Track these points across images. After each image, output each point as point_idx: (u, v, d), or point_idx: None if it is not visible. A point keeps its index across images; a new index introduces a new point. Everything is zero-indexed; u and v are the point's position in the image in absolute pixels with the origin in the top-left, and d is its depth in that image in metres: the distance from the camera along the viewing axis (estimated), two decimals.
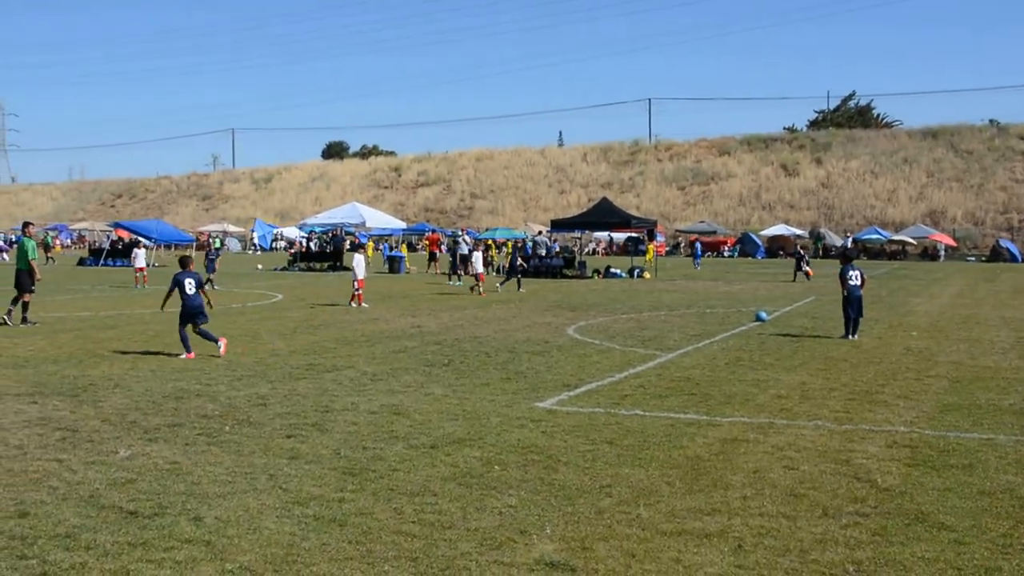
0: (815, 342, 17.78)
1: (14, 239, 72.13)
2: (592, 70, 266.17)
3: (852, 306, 18.27)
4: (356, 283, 25.72)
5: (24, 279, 20.30)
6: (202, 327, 15.66)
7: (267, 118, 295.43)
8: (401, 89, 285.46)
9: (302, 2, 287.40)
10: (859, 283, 18.42)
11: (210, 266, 33.67)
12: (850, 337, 18.02)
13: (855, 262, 19.63)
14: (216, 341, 15.44)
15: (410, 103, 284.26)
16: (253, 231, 61.15)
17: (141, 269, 34.50)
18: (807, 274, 38.65)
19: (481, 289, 30.87)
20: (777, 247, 75.43)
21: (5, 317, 19.98)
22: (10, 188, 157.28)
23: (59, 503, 7.14)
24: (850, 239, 74.25)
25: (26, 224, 22.42)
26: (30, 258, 20.49)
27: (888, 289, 34.35)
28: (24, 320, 20.10)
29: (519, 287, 32.72)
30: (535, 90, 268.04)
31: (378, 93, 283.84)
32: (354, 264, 26.41)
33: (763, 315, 21.78)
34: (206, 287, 17.40)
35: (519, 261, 34.00)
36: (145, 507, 7.04)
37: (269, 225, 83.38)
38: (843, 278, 18.35)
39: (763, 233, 77.20)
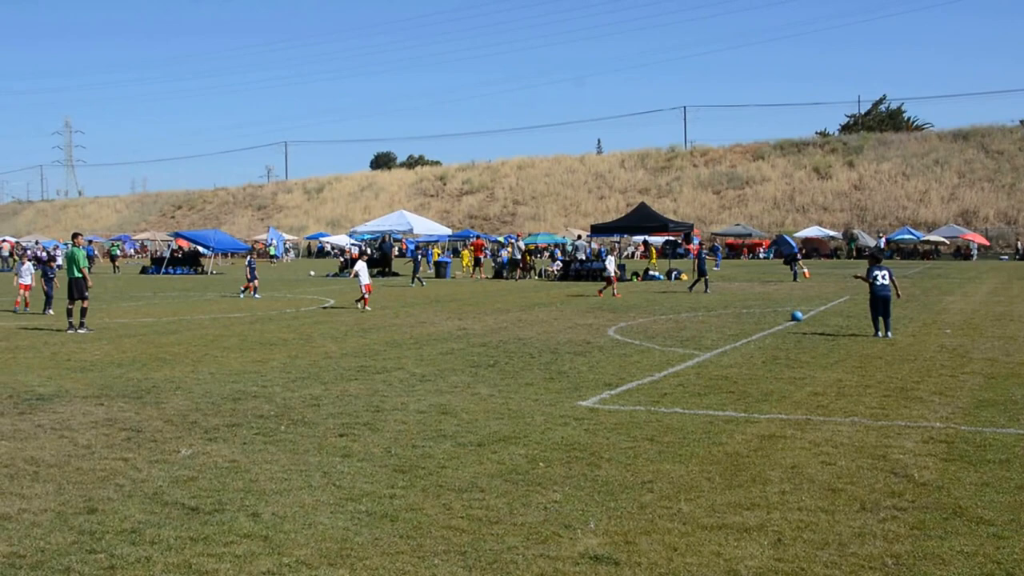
0: (850, 340, 17.82)
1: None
2: (629, 79, 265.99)
3: (878, 306, 18.41)
4: (364, 287, 26.80)
5: (77, 286, 20.79)
6: None
7: (318, 131, 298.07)
8: (445, 101, 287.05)
9: (350, 21, 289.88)
10: (887, 282, 18.41)
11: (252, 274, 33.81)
12: (887, 335, 18.10)
13: (884, 262, 19.58)
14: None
15: (454, 115, 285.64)
16: (270, 241, 61.56)
17: (248, 286, 34.04)
18: (804, 274, 38.08)
19: (614, 290, 31.49)
20: (811, 248, 75.07)
21: (76, 329, 20.44)
22: (77, 201, 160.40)
23: (125, 500, 7.40)
24: (883, 239, 73.89)
25: (75, 235, 22.83)
26: (82, 266, 20.96)
27: (922, 288, 34.11)
28: (81, 326, 20.57)
29: (706, 289, 33.28)
30: (574, 100, 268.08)
31: (423, 106, 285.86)
32: (357, 269, 27.50)
33: (799, 315, 21.80)
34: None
35: (705, 264, 34.51)
36: (206, 503, 7.29)
37: (281, 234, 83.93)
38: (870, 279, 18.49)
39: (797, 235, 76.70)
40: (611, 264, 33.10)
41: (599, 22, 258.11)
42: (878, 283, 18.37)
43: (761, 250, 78.60)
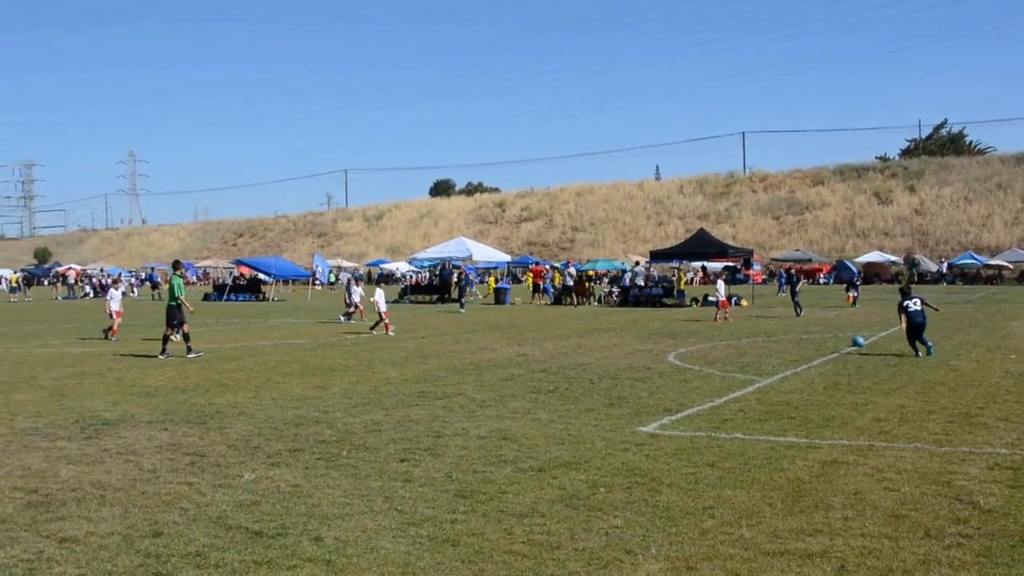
0: (913, 366, 17.57)
1: (144, 276, 74.54)
2: (687, 105, 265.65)
3: (914, 332, 19.20)
4: (382, 314, 27.54)
5: (174, 313, 21.14)
6: None
7: (378, 159, 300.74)
8: (504, 128, 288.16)
9: (410, 49, 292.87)
10: (919, 308, 19.34)
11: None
12: (928, 353, 18.77)
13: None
14: None
15: (513, 141, 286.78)
16: (316, 267, 61.98)
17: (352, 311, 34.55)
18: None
19: (726, 314, 31.69)
20: (872, 273, 74.23)
21: (186, 354, 20.68)
22: (141, 229, 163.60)
23: (190, 523, 7.49)
24: (945, 264, 72.93)
25: (176, 264, 23.21)
26: (177, 294, 21.26)
27: (985, 313, 33.56)
28: (188, 350, 20.82)
29: (799, 312, 33.56)
30: (632, 126, 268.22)
31: (482, 132, 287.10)
32: (376, 298, 28.07)
33: (860, 340, 21.53)
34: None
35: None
36: (269, 527, 7.36)
37: (326, 261, 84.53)
38: (901, 310, 19.44)
39: (858, 260, 75.91)
40: (722, 288, 33.06)
41: (658, 48, 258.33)
42: (911, 310, 19.27)
43: (821, 276, 77.88)
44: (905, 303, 19.39)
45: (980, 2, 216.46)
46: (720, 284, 33.86)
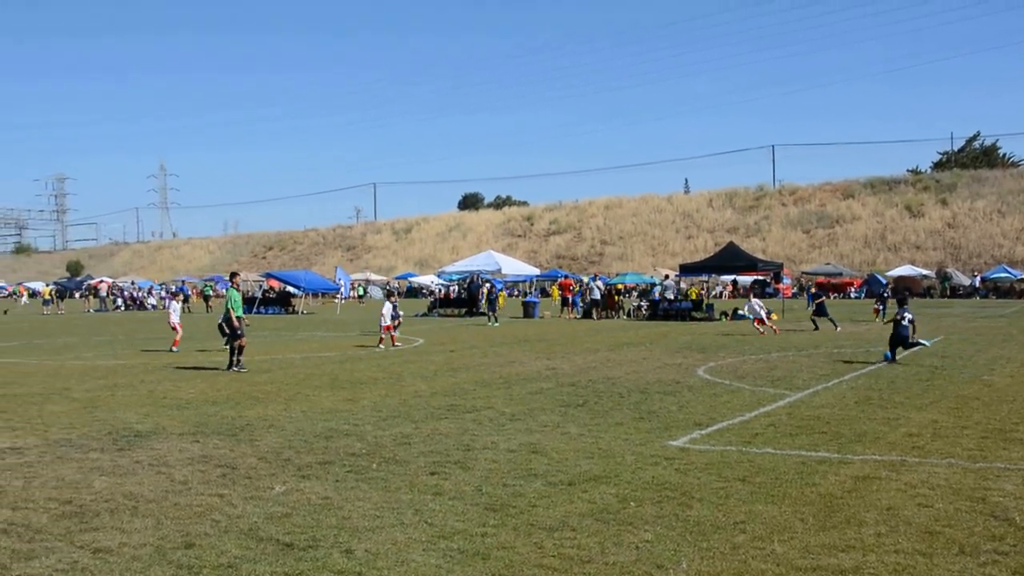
0: (945, 381, 17.42)
1: (175, 289, 74.94)
2: (716, 118, 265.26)
3: (899, 341, 20.94)
4: (383, 328, 27.89)
5: (236, 324, 21.13)
6: None
7: (406, 172, 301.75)
8: (532, 142, 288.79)
9: (438, 62, 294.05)
10: (908, 324, 20.97)
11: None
12: (893, 360, 20.58)
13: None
14: None
15: (541, 155, 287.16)
16: (338, 280, 62.24)
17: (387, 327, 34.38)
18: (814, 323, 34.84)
19: (774, 326, 31.87)
20: (904, 287, 73.67)
21: (235, 368, 20.66)
22: (172, 242, 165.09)
23: (221, 535, 7.53)
24: (978, 278, 72.37)
25: (233, 275, 23.21)
26: (229, 306, 21.28)
27: (1019, 327, 33.29)
28: (236, 364, 20.76)
29: (835, 326, 33.57)
30: (661, 139, 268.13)
31: (510, 146, 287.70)
32: (384, 311, 28.29)
33: (890, 354, 21.36)
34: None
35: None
36: (300, 540, 7.38)
37: (348, 275, 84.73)
38: (898, 317, 21.03)
39: (889, 274, 75.31)
40: (757, 304, 33.11)
41: (686, 60, 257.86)
42: (903, 323, 20.83)
43: (852, 289, 77.43)
44: (902, 314, 20.96)
45: (1013, 14, 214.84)
46: (754, 301, 33.69)
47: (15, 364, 23.58)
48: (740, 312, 43.45)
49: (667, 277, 56.05)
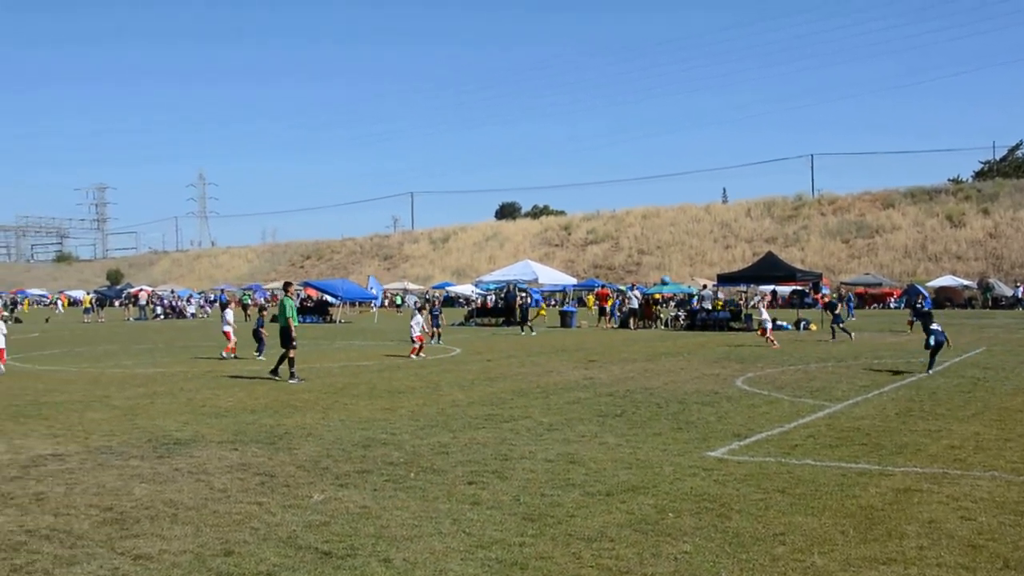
0: (988, 392, 17.20)
1: (213, 298, 75.38)
2: (754, 127, 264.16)
3: (939, 348, 21.04)
4: (415, 338, 27.74)
5: (289, 334, 20.87)
6: None
7: (444, 182, 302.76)
8: (570, 151, 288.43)
9: (475, 72, 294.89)
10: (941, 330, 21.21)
11: (435, 321, 34.77)
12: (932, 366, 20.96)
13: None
14: None
15: (578, 164, 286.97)
16: (371, 289, 62.44)
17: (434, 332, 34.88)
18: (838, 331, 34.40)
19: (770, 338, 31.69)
20: (944, 298, 72.84)
21: (284, 377, 20.52)
22: (210, 251, 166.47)
23: (260, 543, 7.57)
24: (1020, 289, 71.40)
25: (287, 284, 23.11)
26: (287, 316, 20.98)
27: None
28: (291, 376, 20.56)
29: (833, 336, 33.60)
30: (699, 149, 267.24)
31: (548, 156, 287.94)
32: (413, 323, 28.34)
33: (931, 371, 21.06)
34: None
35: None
36: (338, 548, 7.40)
37: (381, 284, 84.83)
38: (929, 330, 21.20)
39: (930, 284, 74.43)
40: (765, 313, 33.09)
41: (724, 70, 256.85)
42: (939, 331, 21.09)
43: (892, 300, 76.70)
44: (934, 326, 21.22)
45: None
46: (763, 310, 33.85)
47: (56, 372, 23.84)
48: (778, 322, 43.25)
49: (705, 287, 55.82)
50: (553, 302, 75.82)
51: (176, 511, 8.62)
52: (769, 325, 32.21)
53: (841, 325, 34.22)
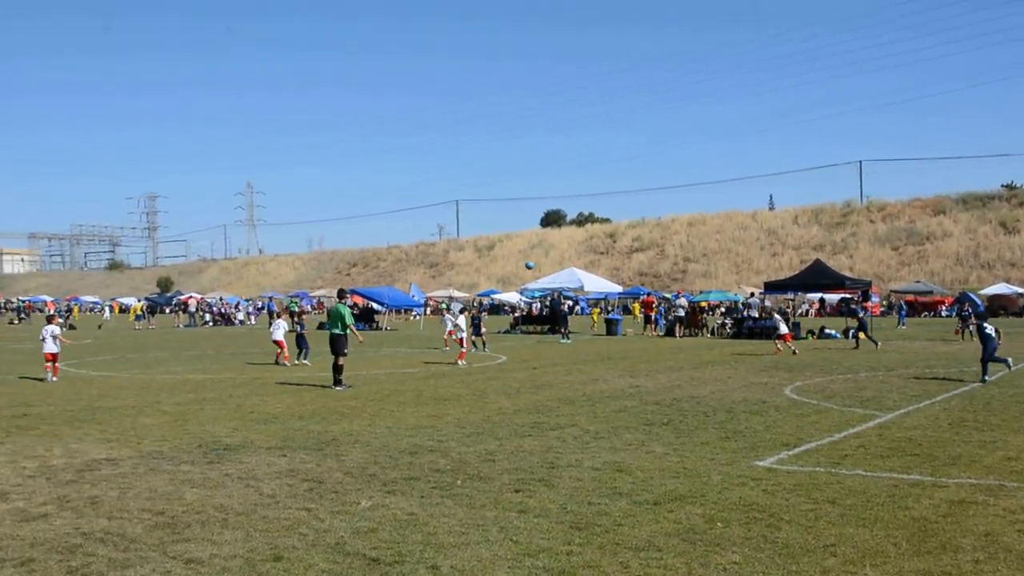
0: None
1: (260, 306, 76.02)
2: (801, 133, 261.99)
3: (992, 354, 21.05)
4: (460, 341, 28.32)
5: (339, 343, 20.96)
6: None
7: (489, 189, 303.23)
8: (614, 159, 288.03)
9: (518, 81, 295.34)
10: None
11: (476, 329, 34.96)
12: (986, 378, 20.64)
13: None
14: None
15: (623, 172, 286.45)
16: (412, 296, 62.83)
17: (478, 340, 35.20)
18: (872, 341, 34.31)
19: (789, 346, 31.66)
20: (998, 306, 71.67)
21: (340, 387, 20.56)
22: (258, 259, 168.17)
23: (309, 549, 7.61)
24: None
25: (341, 292, 23.28)
26: (348, 323, 21.15)
27: None
28: (338, 383, 20.65)
29: (857, 345, 33.49)
30: (745, 155, 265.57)
31: (593, 163, 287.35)
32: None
33: (987, 379, 20.76)
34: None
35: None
36: (386, 555, 7.43)
37: (422, 292, 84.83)
38: (983, 336, 21.27)
39: (983, 292, 73.30)
40: (782, 324, 33.03)
41: (768, 77, 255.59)
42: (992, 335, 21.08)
43: (943, 308, 75.68)
44: (988, 329, 21.19)
45: None
46: (778, 318, 34.14)
47: (109, 377, 24.16)
48: (827, 330, 42.87)
49: (752, 295, 55.43)
50: (599, 309, 75.64)
51: (226, 516, 8.70)
52: (784, 331, 32.40)
53: (867, 333, 34.01)
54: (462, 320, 29.21)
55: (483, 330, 35.07)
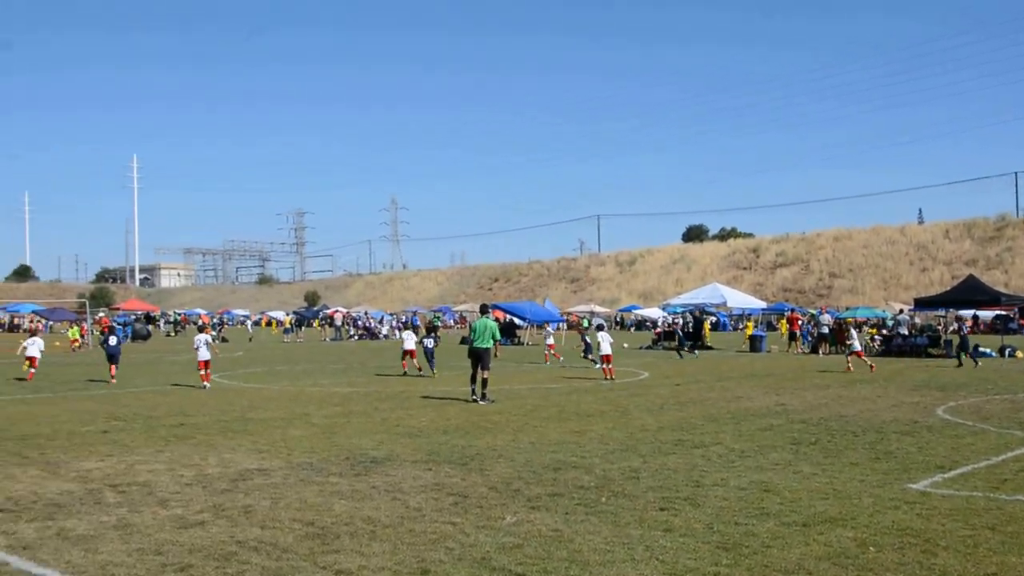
0: None
1: (404, 319, 77.26)
2: (952, 146, 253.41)
3: None
4: (603, 358, 28.16)
5: (486, 357, 21.28)
6: None
7: (630, 204, 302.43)
8: (757, 173, 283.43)
9: (661, 97, 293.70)
10: None
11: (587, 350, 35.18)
12: None
13: None
14: None
15: (767, 186, 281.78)
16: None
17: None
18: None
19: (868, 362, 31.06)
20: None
21: (477, 398, 20.94)
22: (402, 274, 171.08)
23: (455, 563, 7.67)
24: None
25: (484, 307, 23.71)
26: (496, 337, 21.48)
27: None
28: (483, 396, 20.96)
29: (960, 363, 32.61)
30: (893, 168, 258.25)
31: (736, 177, 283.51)
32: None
33: None
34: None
35: None
36: (532, 571, 7.43)
37: (555, 306, 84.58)
38: None
39: None
40: (856, 337, 32.64)
41: (918, 87, 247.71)
42: None
43: None
44: None
45: None
46: (854, 332, 33.53)
47: (260, 389, 24.90)
48: (981, 349, 41.26)
49: (901, 311, 53.86)
50: (741, 326, 74.57)
51: (374, 528, 8.85)
52: (857, 347, 31.99)
53: (969, 351, 32.95)
54: (605, 336, 29.06)
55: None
